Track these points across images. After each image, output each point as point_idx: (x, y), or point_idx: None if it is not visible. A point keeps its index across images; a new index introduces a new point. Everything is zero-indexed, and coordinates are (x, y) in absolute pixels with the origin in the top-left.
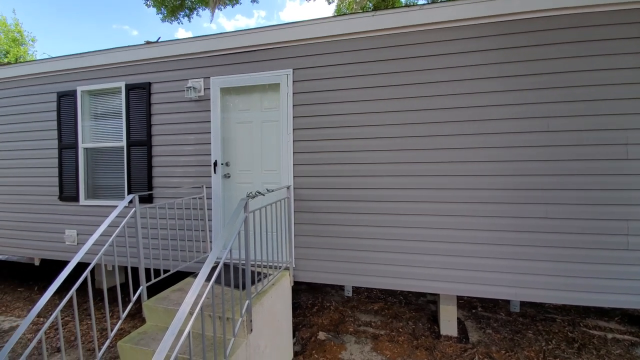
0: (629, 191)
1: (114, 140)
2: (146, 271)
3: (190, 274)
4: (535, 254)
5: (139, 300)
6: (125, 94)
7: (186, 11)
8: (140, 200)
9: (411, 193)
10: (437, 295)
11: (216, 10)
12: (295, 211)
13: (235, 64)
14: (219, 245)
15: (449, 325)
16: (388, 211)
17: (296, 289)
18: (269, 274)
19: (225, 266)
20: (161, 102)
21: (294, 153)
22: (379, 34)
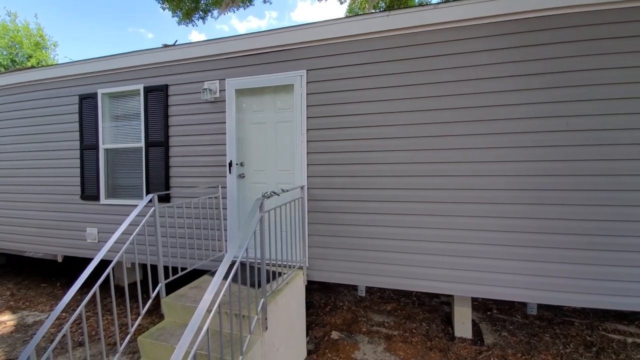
0: None
1: (133, 141)
2: (164, 269)
3: (206, 272)
4: (553, 256)
5: (155, 297)
6: (144, 96)
7: (200, 13)
8: (158, 199)
9: (425, 193)
10: (451, 297)
11: (228, 11)
12: (308, 211)
13: (249, 65)
14: (236, 244)
15: (463, 327)
16: (401, 211)
17: (309, 288)
18: (283, 273)
19: (241, 265)
20: (178, 104)
21: (307, 153)
22: (393, 33)
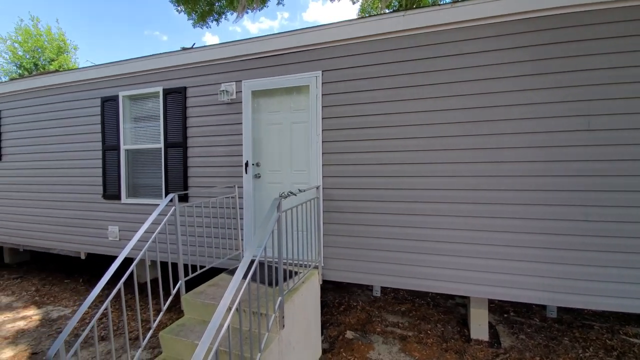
0: None
1: (152, 142)
2: (184, 266)
3: (223, 270)
4: (574, 258)
5: (174, 293)
6: (163, 98)
7: (215, 15)
8: (178, 199)
9: (441, 194)
10: (467, 298)
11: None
12: (324, 211)
13: (265, 67)
14: (254, 243)
15: (479, 329)
16: (417, 212)
17: (323, 287)
18: (299, 272)
19: (259, 264)
20: (196, 106)
21: (323, 154)
22: (408, 33)
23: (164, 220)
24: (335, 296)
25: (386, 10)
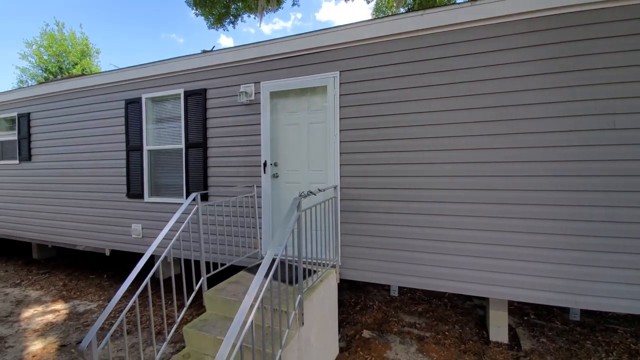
0: None
1: (174, 142)
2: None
3: (242, 268)
4: (598, 260)
5: (196, 290)
6: (184, 99)
7: (231, 18)
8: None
9: (460, 194)
10: (486, 300)
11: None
12: (341, 210)
13: (283, 68)
14: (275, 242)
15: (499, 331)
16: (435, 212)
17: (339, 286)
18: (317, 271)
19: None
20: (215, 107)
21: (340, 153)
22: (426, 33)
23: (187, 219)
24: (351, 295)
25: (401, 9)
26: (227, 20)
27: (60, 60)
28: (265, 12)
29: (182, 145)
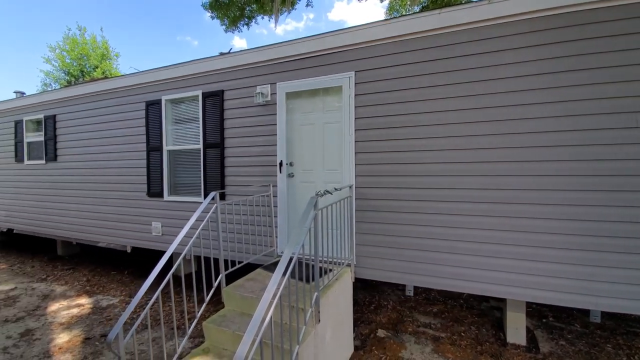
0: None
1: (192, 142)
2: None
3: (258, 266)
4: (620, 261)
5: (214, 286)
6: (202, 101)
7: (245, 20)
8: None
9: (476, 194)
10: (503, 302)
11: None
12: (356, 210)
13: (299, 69)
14: (293, 241)
15: (516, 333)
16: (451, 212)
17: (353, 286)
18: (333, 270)
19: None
20: (232, 108)
21: (355, 153)
22: (442, 32)
23: (206, 217)
24: (365, 295)
25: (415, 8)
26: (242, 22)
27: (81, 63)
28: (279, 13)
29: (200, 146)
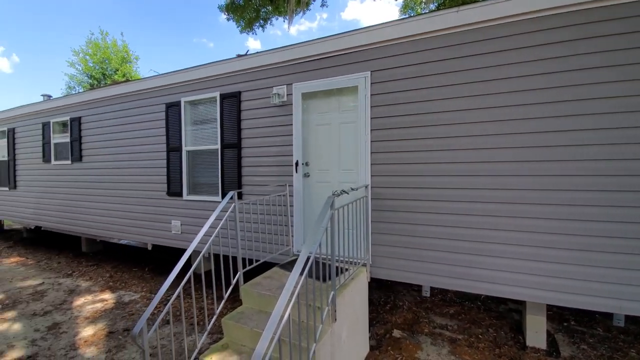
0: None
1: (210, 143)
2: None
3: (275, 264)
4: None
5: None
6: (220, 102)
7: (261, 22)
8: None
9: (495, 194)
10: (522, 304)
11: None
12: (372, 209)
13: (315, 69)
14: (310, 241)
15: (536, 336)
16: (469, 212)
17: (368, 286)
18: (348, 269)
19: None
20: (249, 109)
21: (371, 153)
22: (460, 29)
23: (225, 216)
24: (380, 295)
25: (432, 6)
26: (257, 24)
27: (103, 67)
28: (294, 14)
29: (218, 146)
